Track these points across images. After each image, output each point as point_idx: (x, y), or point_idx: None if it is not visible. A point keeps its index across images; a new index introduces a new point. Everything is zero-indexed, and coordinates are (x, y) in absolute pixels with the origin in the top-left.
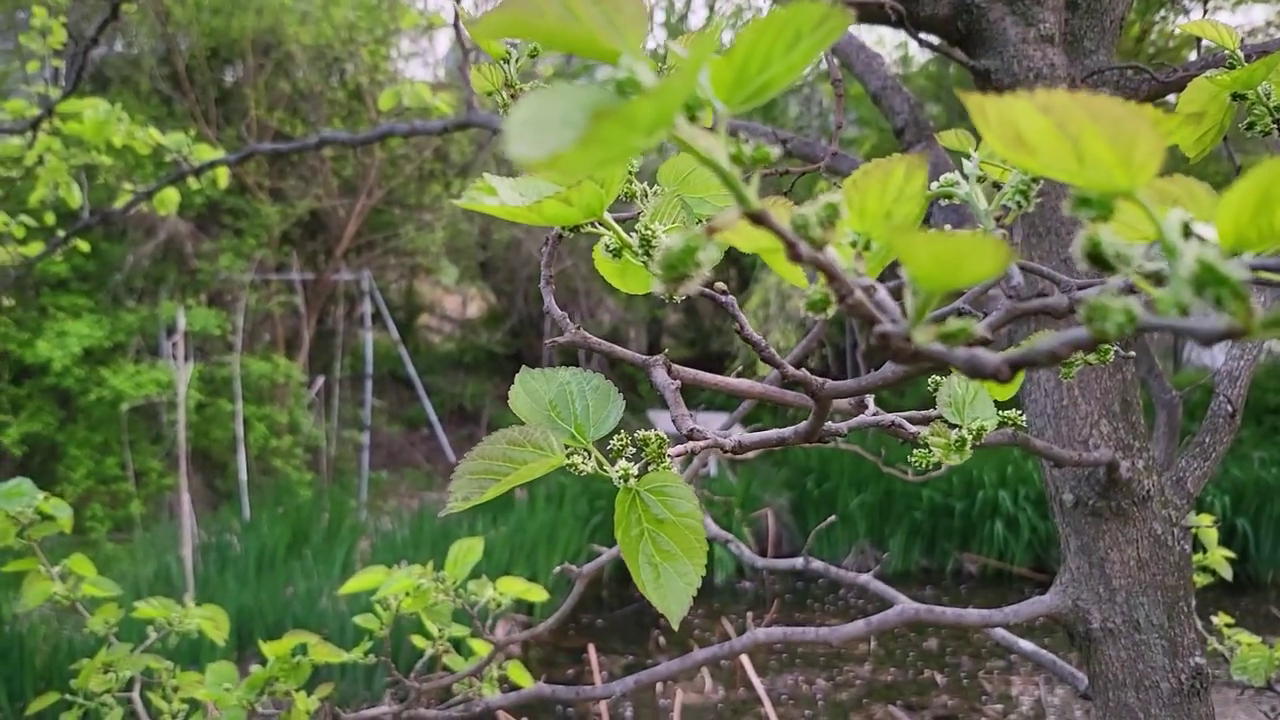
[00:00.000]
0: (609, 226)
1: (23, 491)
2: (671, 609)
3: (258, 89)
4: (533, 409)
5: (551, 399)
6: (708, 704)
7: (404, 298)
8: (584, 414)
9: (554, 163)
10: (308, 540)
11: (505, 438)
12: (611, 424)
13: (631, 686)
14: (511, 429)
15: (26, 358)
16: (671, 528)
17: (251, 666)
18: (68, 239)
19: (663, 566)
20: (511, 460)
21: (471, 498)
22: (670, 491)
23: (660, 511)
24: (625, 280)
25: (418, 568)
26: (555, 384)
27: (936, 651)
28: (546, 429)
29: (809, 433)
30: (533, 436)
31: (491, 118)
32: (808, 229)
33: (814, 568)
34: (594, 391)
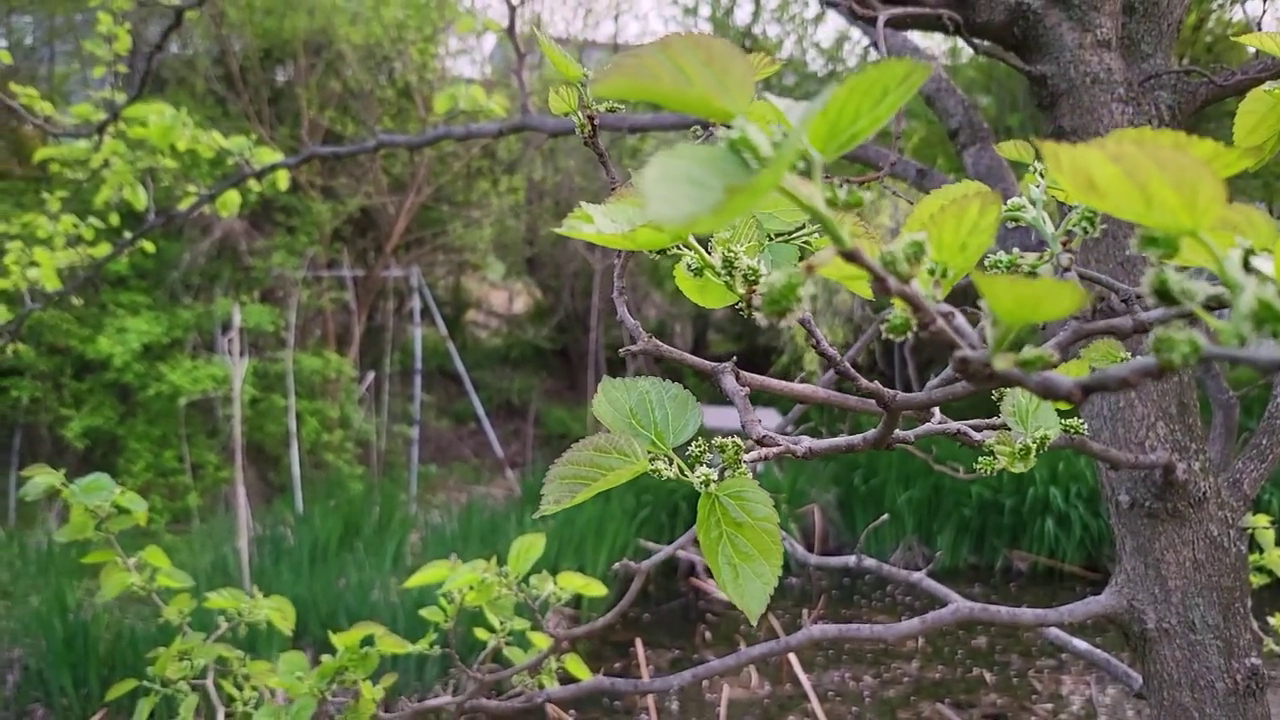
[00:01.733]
0: (692, 249)
1: (101, 486)
2: (750, 607)
3: (309, 88)
4: (614, 417)
5: (632, 407)
6: (754, 699)
7: (451, 294)
8: (664, 422)
9: (692, 225)
10: (359, 533)
11: (592, 445)
12: (690, 431)
13: (689, 680)
14: (598, 436)
15: (88, 353)
16: (749, 531)
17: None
18: (135, 240)
19: (741, 567)
20: (598, 466)
21: (562, 501)
22: (748, 496)
23: (739, 515)
24: (705, 296)
25: (481, 562)
26: (635, 393)
27: (985, 650)
28: (630, 436)
29: (878, 440)
30: (618, 444)
31: (545, 120)
32: (895, 265)
33: (865, 565)
34: (672, 400)
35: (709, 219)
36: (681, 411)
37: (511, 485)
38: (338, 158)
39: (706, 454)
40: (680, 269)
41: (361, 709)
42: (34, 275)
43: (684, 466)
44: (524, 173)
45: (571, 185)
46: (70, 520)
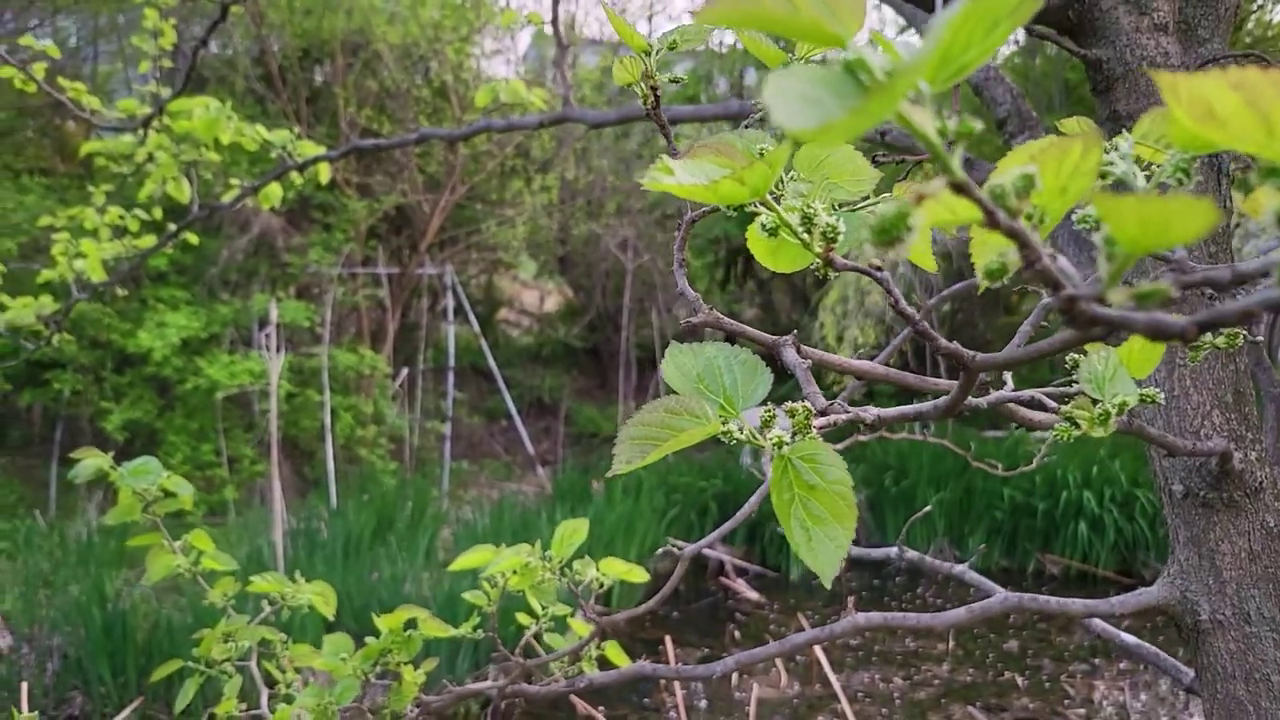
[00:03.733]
0: (769, 206)
1: (149, 470)
2: (823, 570)
3: (346, 88)
4: (682, 382)
5: (699, 372)
6: (783, 699)
7: (483, 292)
8: (733, 386)
9: (817, 134)
10: (392, 527)
11: (663, 406)
12: (760, 395)
13: (732, 667)
14: (669, 398)
15: (128, 347)
16: (822, 494)
17: None
18: (179, 231)
19: (813, 530)
20: (669, 427)
21: (634, 461)
22: (821, 459)
23: (811, 478)
24: (777, 258)
25: (525, 546)
26: (702, 359)
27: (1017, 653)
28: (700, 398)
29: (951, 405)
30: (688, 405)
31: (586, 113)
32: (1004, 198)
33: (908, 557)
34: (741, 365)
35: (831, 132)
36: (751, 376)
37: (543, 482)
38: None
39: (776, 419)
40: (753, 230)
41: (404, 691)
42: (80, 266)
43: (754, 430)
44: (558, 171)
45: (604, 184)
46: (118, 503)
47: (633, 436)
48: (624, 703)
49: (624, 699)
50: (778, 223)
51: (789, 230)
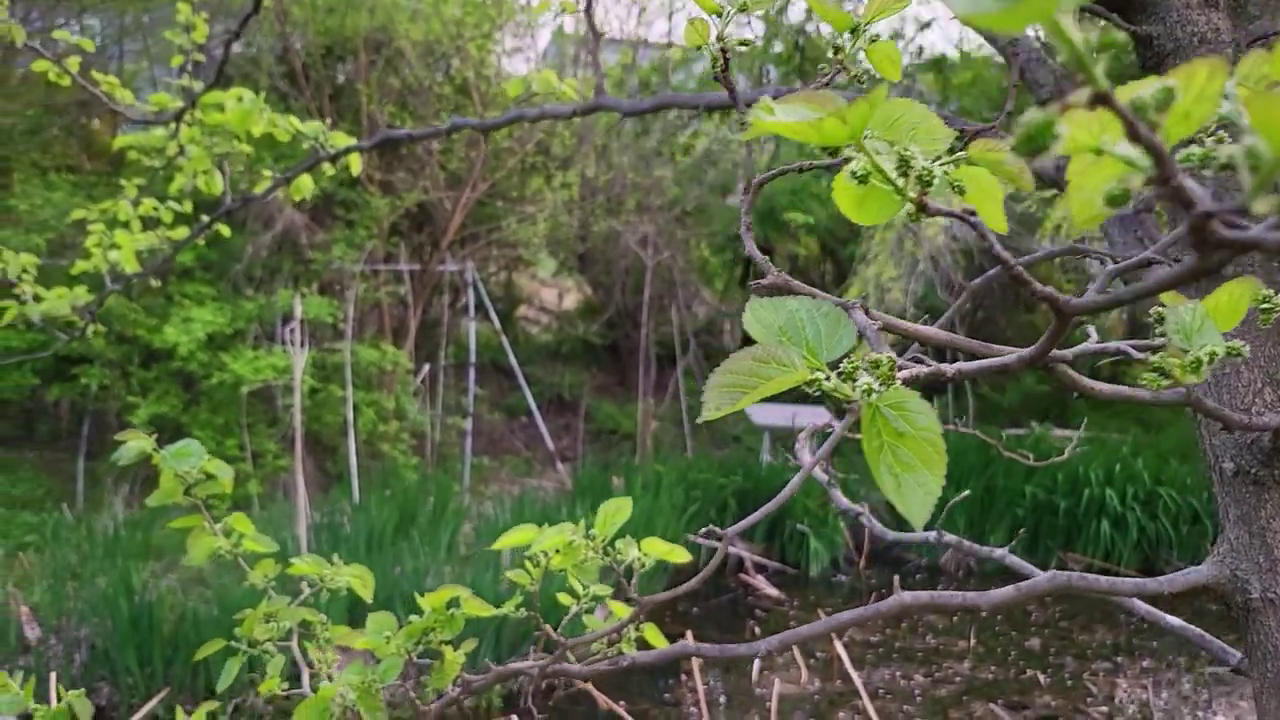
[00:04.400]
0: (864, 150)
1: (190, 452)
2: (914, 515)
3: (369, 85)
4: (764, 334)
5: (781, 325)
6: (804, 694)
7: (503, 290)
8: (816, 338)
9: (1009, 16)
10: (414, 521)
11: (750, 355)
12: (845, 346)
13: (776, 645)
14: (755, 347)
15: (154, 342)
16: (911, 441)
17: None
18: (213, 222)
19: (903, 478)
20: (756, 375)
21: (723, 407)
22: (909, 407)
23: (900, 425)
24: (862, 209)
25: (569, 525)
26: (784, 312)
27: (1039, 651)
28: (788, 347)
29: (1037, 354)
30: (775, 354)
31: (620, 101)
32: (1145, 111)
33: (947, 540)
34: (824, 317)
35: (1001, 18)
36: (834, 327)
37: (563, 478)
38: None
39: (861, 370)
40: (841, 179)
41: (446, 669)
42: (114, 258)
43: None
44: (578, 168)
45: (624, 181)
46: (160, 485)
47: (721, 384)
48: (645, 697)
49: (645, 693)
50: (869, 169)
51: (881, 177)
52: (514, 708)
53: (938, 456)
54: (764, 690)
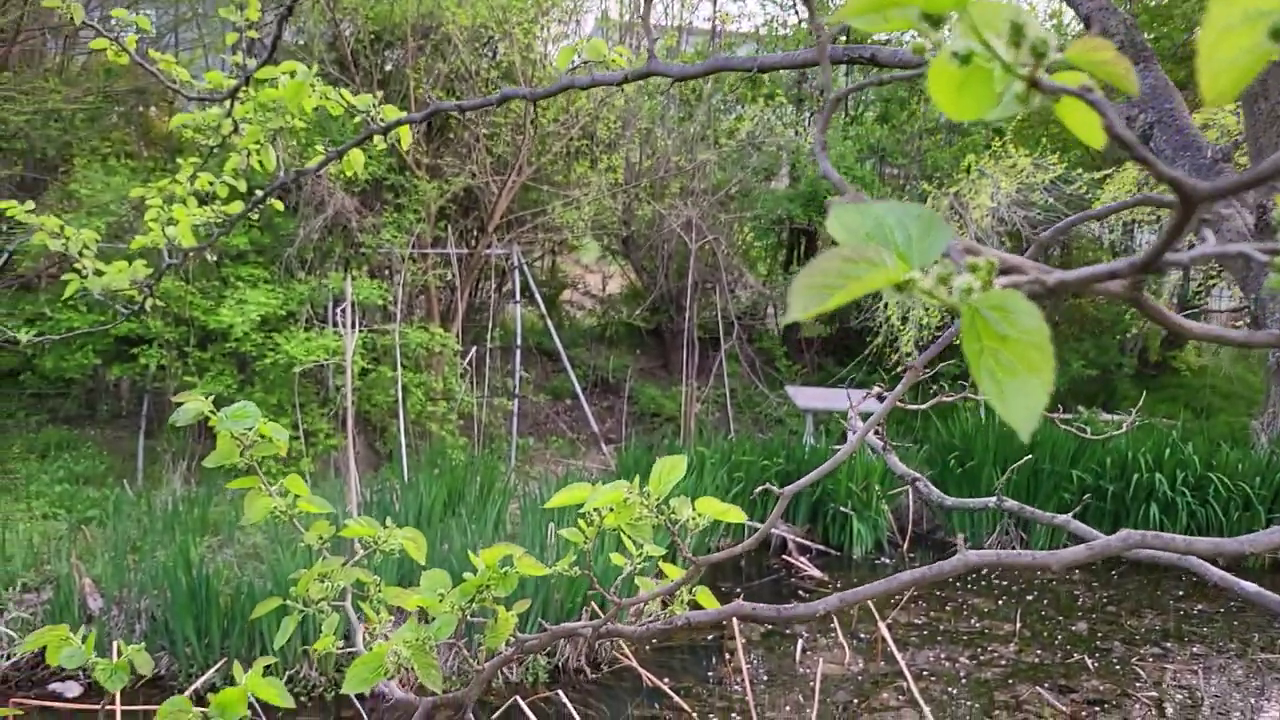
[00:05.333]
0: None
1: (246, 414)
2: (1018, 423)
3: (417, 70)
4: (849, 240)
5: (867, 231)
6: (846, 675)
7: (548, 274)
8: (906, 243)
9: None
10: (462, 500)
11: (839, 255)
12: (936, 250)
13: (835, 605)
14: (843, 246)
15: (210, 324)
16: (1014, 345)
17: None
18: (267, 196)
19: (1005, 383)
20: (845, 275)
21: (810, 307)
22: (1012, 308)
23: (1002, 328)
24: (960, 99)
25: (623, 482)
26: (870, 217)
27: (1086, 635)
28: (879, 247)
29: (1156, 253)
30: (866, 253)
31: (670, 67)
32: None
33: (1007, 506)
34: (915, 220)
35: None
36: (926, 231)
37: (607, 460)
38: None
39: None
40: (938, 65)
41: (500, 628)
42: (172, 233)
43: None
44: (622, 152)
45: (668, 166)
46: (217, 447)
47: (808, 285)
48: (689, 674)
49: (689, 670)
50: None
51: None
52: (559, 683)
53: (1043, 361)
54: (807, 670)
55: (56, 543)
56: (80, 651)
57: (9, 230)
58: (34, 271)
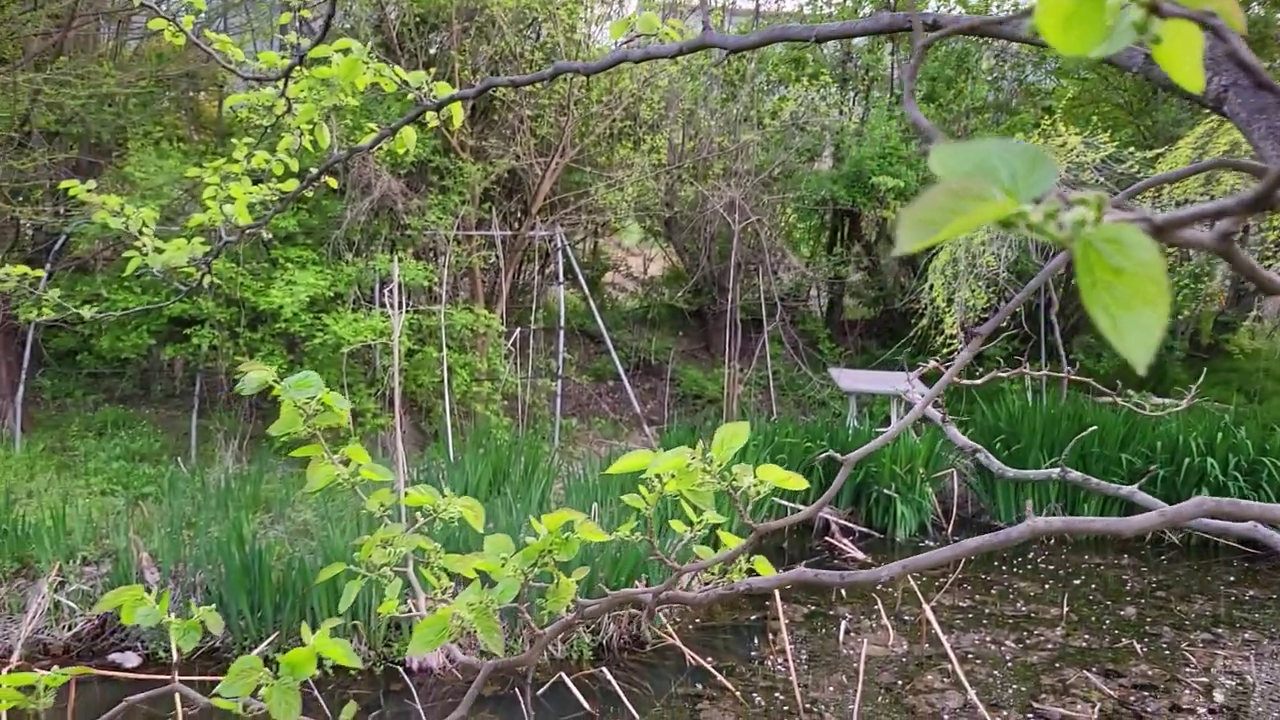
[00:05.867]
0: None
1: (310, 383)
2: (1134, 356)
3: (462, 52)
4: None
5: (970, 170)
6: (891, 656)
7: (590, 256)
8: (1011, 179)
9: None
10: (507, 479)
11: (945, 189)
12: (1043, 186)
13: (899, 571)
14: (950, 181)
15: (260, 304)
16: (1129, 278)
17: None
18: (321, 173)
19: (1120, 317)
20: (953, 210)
21: (919, 240)
22: (1126, 240)
23: (1117, 261)
24: (1068, 32)
25: (685, 449)
26: (973, 156)
27: (1135, 620)
28: (988, 182)
29: (1266, 191)
30: (974, 187)
31: (726, 38)
32: None
33: (1071, 477)
34: (1021, 156)
35: None
36: (1032, 167)
37: (649, 441)
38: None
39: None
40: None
41: (561, 593)
42: (228, 210)
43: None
44: (666, 133)
45: (711, 147)
46: (281, 416)
47: (916, 219)
48: (732, 654)
49: (732, 650)
50: None
51: None
52: (603, 660)
53: (1159, 294)
54: (850, 651)
55: (114, 518)
56: (154, 610)
57: (66, 213)
58: (90, 254)
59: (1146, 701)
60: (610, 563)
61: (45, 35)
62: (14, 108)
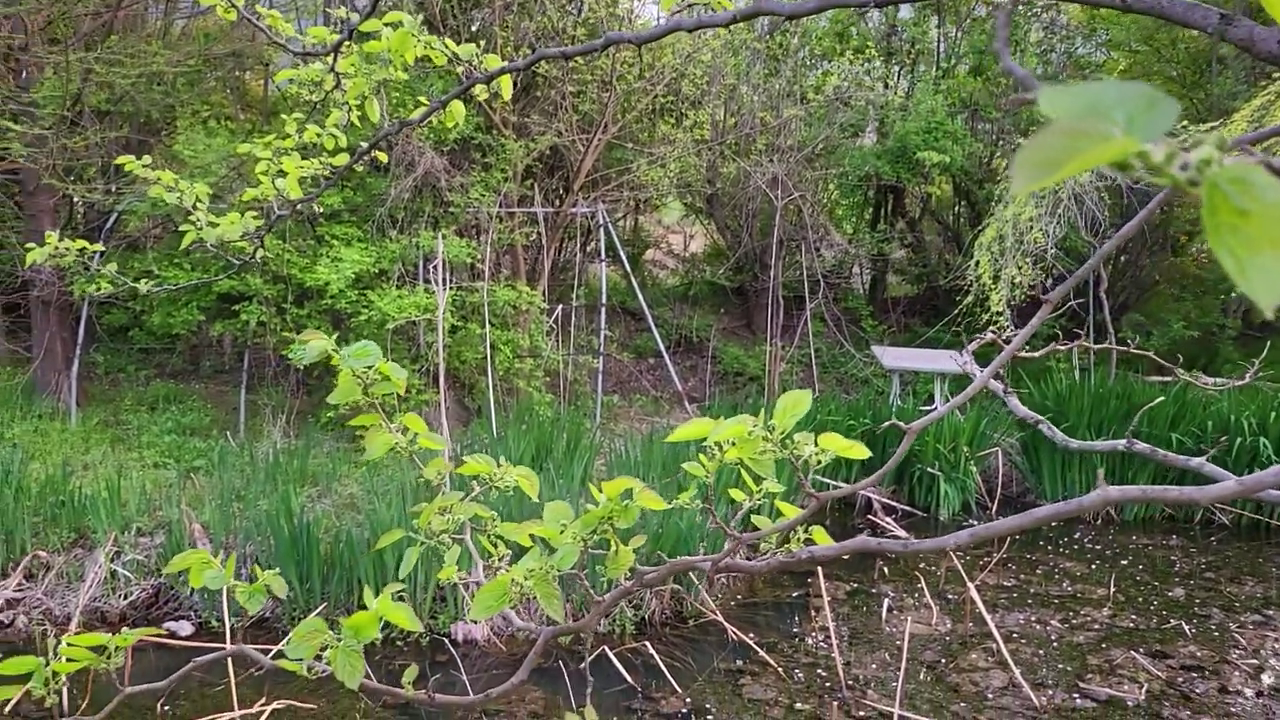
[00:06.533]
0: None
1: (368, 352)
2: (1261, 299)
3: (505, 28)
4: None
5: (1080, 111)
6: (934, 635)
7: (630, 233)
8: (1128, 120)
9: None
10: (549, 455)
11: (1061, 130)
12: (1163, 127)
13: (966, 540)
14: (1065, 120)
15: (306, 281)
16: (1255, 219)
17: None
18: (373, 146)
19: (1246, 259)
20: (1071, 150)
21: (1034, 181)
22: (1254, 182)
23: (1243, 203)
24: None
25: (748, 416)
26: (1084, 98)
27: (1184, 601)
28: (1106, 121)
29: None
30: (1091, 127)
31: (781, 5)
32: None
33: (1138, 449)
34: (1136, 96)
35: None
36: (1149, 107)
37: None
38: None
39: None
40: None
41: (620, 560)
42: (281, 185)
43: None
44: (708, 109)
45: (753, 122)
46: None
47: (1031, 160)
48: (773, 630)
49: (773, 626)
50: None
51: None
52: (645, 635)
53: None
54: (893, 629)
55: (167, 490)
56: (221, 574)
57: (118, 192)
58: (140, 231)
59: (1195, 683)
60: (653, 541)
61: (96, 15)
62: (66, 87)
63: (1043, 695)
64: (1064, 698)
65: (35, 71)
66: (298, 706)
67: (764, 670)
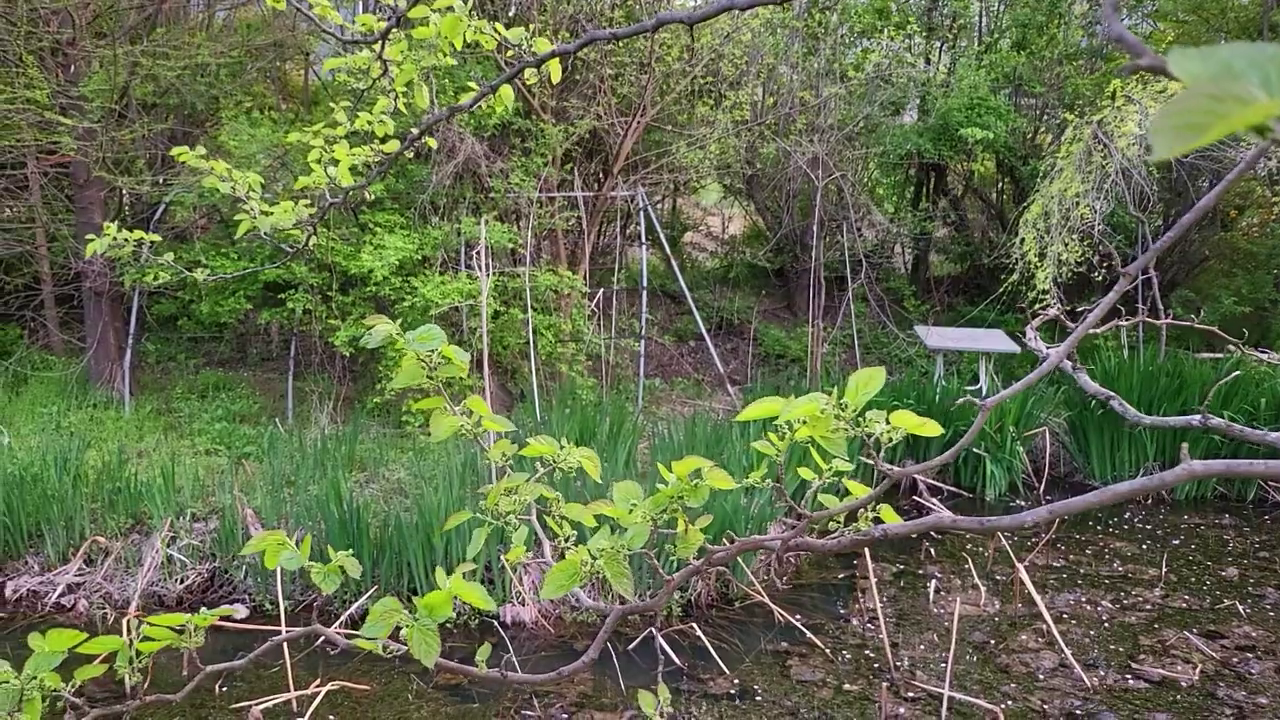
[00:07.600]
0: None
1: (432, 336)
2: None
3: (543, 13)
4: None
5: (1213, 74)
6: (983, 616)
7: (670, 216)
8: (1265, 83)
9: None
10: (593, 438)
11: (1202, 93)
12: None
13: (1045, 516)
14: (1205, 84)
15: (351, 269)
16: None
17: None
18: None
19: None
20: (1213, 113)
21: (1177, 145)
22: None
23: None
24: None
25: (820, 394)
26: (1215, 61)
27: (1237, 581)
28: (1250, 84)
29: None
30: (1234, 89)
31: None
32: None
33: (1213, 424)
34: (1272, 59)
35: None
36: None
37: (733, 401)
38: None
39: None
40: None
41: (690, 539)
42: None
43: None
44: (748, 89)
45: (793, 102)
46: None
47: (1173, 124)
48: (820, 612)
49: (819, 608)
50: None
51: None
52: (692, 617)
53: None
54: (940, 610)
55: (219, 476)
56: (296, 555)
57: (165, 183)
58: (188, 222)
59: (1250, 664)
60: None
61: (140, 9)
62: (114, 80)
63: (1094, 676)
64: (1116, 678)
65: (83, 66)
66: (351, 688)
67: (811, 651)
